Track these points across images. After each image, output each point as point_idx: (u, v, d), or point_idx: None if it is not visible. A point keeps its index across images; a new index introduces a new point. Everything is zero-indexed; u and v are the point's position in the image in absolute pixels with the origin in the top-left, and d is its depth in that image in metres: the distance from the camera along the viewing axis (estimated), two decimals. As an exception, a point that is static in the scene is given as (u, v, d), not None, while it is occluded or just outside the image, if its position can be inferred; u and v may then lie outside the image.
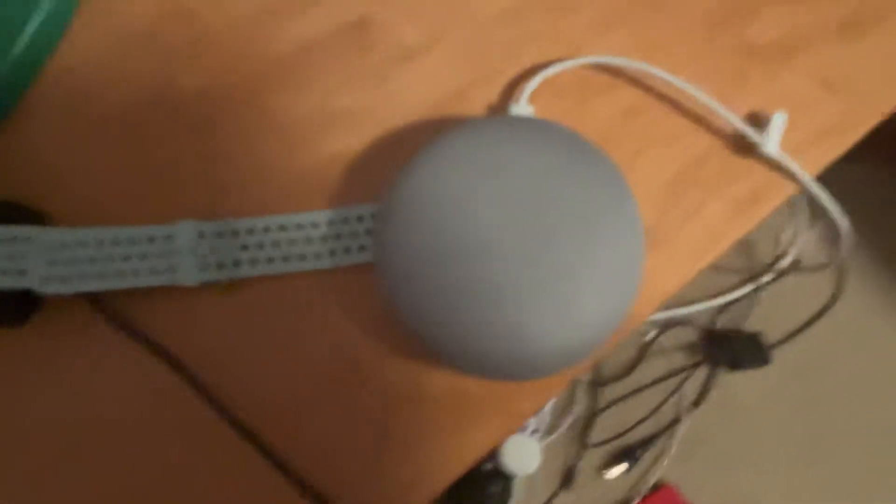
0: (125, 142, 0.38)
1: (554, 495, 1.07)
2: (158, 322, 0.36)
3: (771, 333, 1.17)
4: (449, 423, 0.36)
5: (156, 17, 0.41)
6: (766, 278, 1.16)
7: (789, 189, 0.40)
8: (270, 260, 0.37)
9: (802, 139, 0.42)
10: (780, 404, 1.14)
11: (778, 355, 1.17)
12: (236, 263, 0.36)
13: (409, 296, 0.33)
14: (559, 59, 0.42)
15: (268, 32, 0.41)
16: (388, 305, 0.34)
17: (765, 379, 1.16)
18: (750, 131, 0.40)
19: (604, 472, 1.09)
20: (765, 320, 1.18)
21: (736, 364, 1.13)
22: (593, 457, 1.10)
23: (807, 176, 0.40)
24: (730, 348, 1.14)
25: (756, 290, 1.18)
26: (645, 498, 1.08)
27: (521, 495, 1.07)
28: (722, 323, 1.18)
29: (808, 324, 1.14)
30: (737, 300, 1.18)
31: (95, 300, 0.35)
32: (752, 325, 1.18)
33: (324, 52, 0.41)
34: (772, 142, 0.40)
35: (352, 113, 0.40)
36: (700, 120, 0.42)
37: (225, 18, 0.41)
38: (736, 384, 1.16)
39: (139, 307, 0.36)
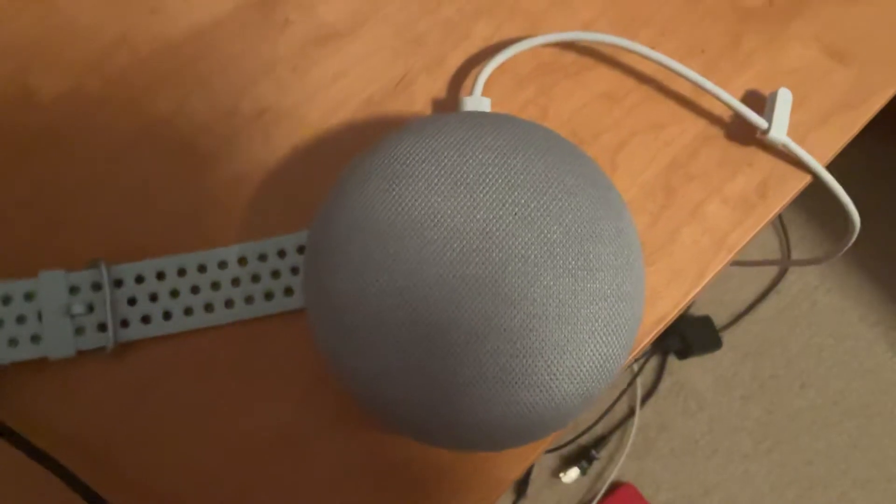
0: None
1: (511, 507, 1.03)
2: (26, 404, 0.29)
3: (719, 317, 1.16)
4: (413, 500, 0.30)
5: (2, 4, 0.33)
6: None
7: (800, 181, 0.35)
8: (168, 315, 0.30)
9: (809, 119, 0.36)
10: (734, 389, 1.13)
11: (728, 338, 1.16)
12: (124, 323, 0.30)
13: (352, 350, 0.26)
14: (517, 39, 0.36)
15: (147, 17, 0.34)
16: (325, 362, 0.27)
17: (717, 364, 1.15)
18: (751, 114, 0.34)
19: (560, 475, 1.06)
20: (711, 303, 1.17)
21: (687, 351, 1.12)
22: (547, 461, 1.08)
23: (819, 165, 0.34)
24: (679, 335, 1.12)
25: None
26: (603, 499, 1.06)
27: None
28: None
29: (757, 302, 1.13)
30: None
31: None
32: (698, 309, 1.17)
33: (223, 38, 0.35)
34: (778, 126, 0.34)
35: (263, 116, 0.34)
36: (689, 103, 0.36)
37: (92, 2, 0.33)
38: (688, 371, 1.14)
39: None
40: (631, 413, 1.10)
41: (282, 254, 0.31)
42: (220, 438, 0.30)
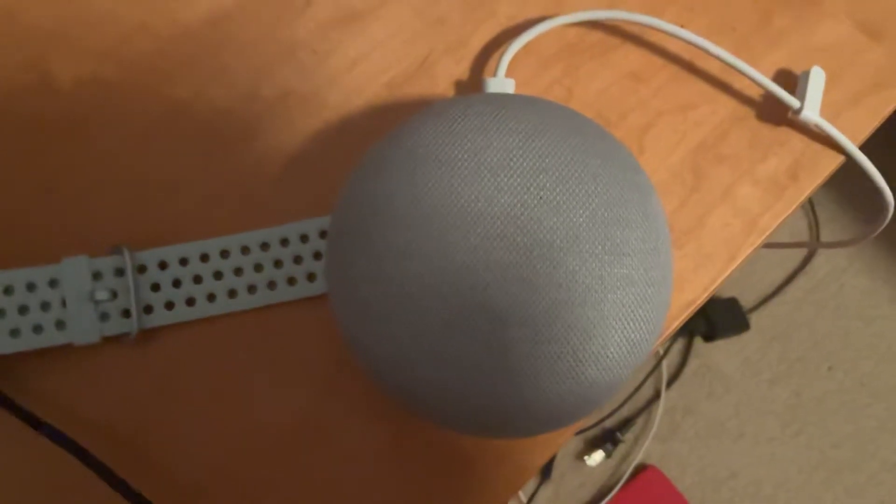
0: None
1: (536, 490, 1.03)
2: (51, 391, 0.29)
3: (746, 298, 1.14)
4: (434, 489, 0.30)
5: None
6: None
7: (833, 161, 0.34)
8: (191, 301, 0.30)
9: (841, 98, 0.35)
10: (761, 372, 1.12)
11: (755, 320, 1.14)
12: (148, 309, 0.29)
13: (374, 337, 0.26)
14: (541, 18, 0.35)
15: (167, 2, 0.34)
16: (348, 348, 0.26)
17: (744, 346, 1.13)
18: (783, 93, 0.33)
19: (584, 457, 1.05)
20: (738, 285, 1.15)
21: (713, 333, 1.10)
22: (571, 444, 1.07)
23: (853, 145, 0.33)
24: (706, 317, 1.10)
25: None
26: (628, 481, 1.05)
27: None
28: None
29: (785, 284, 1.11)
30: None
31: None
32: (725, 291, 1.15)
33: (243, 22, 0.34)
34: (811, 105, 0.33)
35: (286, 99, 0.33)
36: (719, 83, 0.35)
37: None
38: (714, 354, 1.13)
39: (23, 371, 0.29)
40: (656, 396, 1.09)
41: (304, 238, 0.31)
42: (243, 423, 0.30)
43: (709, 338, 1.11)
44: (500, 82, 0.32)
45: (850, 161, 0.34)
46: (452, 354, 0.25)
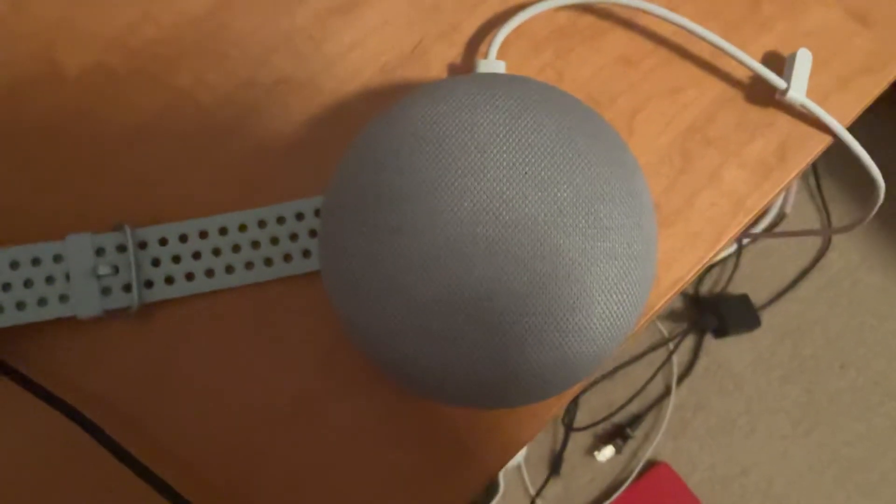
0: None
1: (544, 484, 1.02)
2: (55, 363, 0.30)
3: (757, 295, 1.14)
4: (429, 461, 0.30)
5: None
6: (757, 231, 1.12)
7: (820, 142, 0.34)
8: (190, 276, 0.31)
9: (829, 82, 0.36)
10: (773, 369, 1.11)
11: (767, 317, 1.13)
12: (148, 284, 0.30)
13: (366, 311, 0.26)
14: (531, 2, 0.36)
15: None
16: (341, 323, 0.27)
17: (755, 343, 1.12)
18: (770, 74, 0.33)
19: (595, 453, 1.05)
20: (750, 281, 1.15)
21: (724, 329, 1.10)
22: (581, 439, 1.07)
23: (840, 126, 0.33)
24: (717, 313, 1.10)
25: (739, 249, 1.14)
26: (639, 478, 1.05)
27: (509, 487, 1.03)
28: (705, 287, 1.14)
29: (798, 281, 1.11)
30: (720, 261, 1.14)
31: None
32: (736, 287, 1.15)
33: (242, 10, 0.35)
34: (797, 86, 0.33)
35: (283, 85, 0.34)
36: (708, 66, 0.36)
37: None
38: (725, 351, 1.12)
39: (28, 345, 0.30)
40: (667, 392, 1.09)
41: (300, 216, 0.31)
42: (240, 396, 0.30)
43: (719, 334, 1.11)
44: (492, 64, 0.33)
45: (840, 143, 0.34)
46: (440, 328, 0.25)
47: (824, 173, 1.19)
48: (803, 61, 0.34)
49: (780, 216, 1.17)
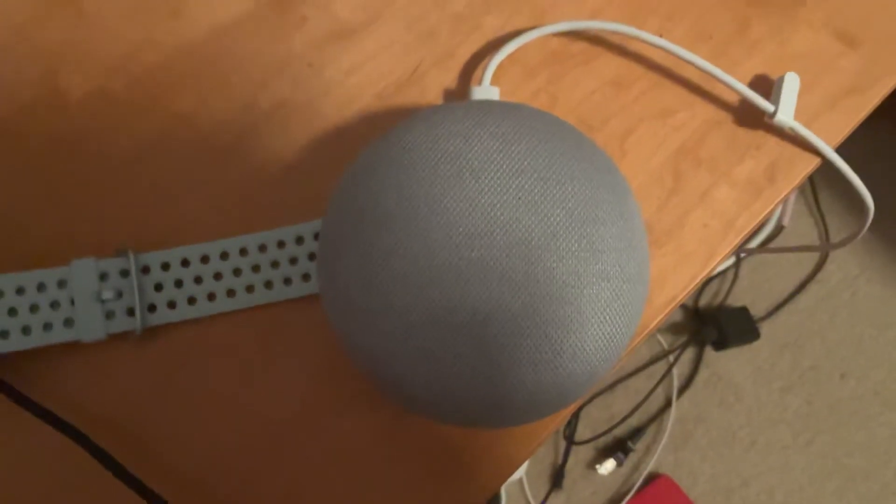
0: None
1: (546, 497, 1.03)
2: (59, 385, 0.30)
3: (757, 307, 1.14)
4: (425, 480, 0.31)
5: (30, 7, 0.34)
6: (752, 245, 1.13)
7: (809, 163, 0.35)
8: (192, 300, 0.31)
9: (817, 103, 0.36)
10: (773, 380, 1.11)
11: (766, 329, 1.14)
12: (151, 308, 0.31)
13: (363, 333, 0.27)
14: (524, 29, 0.36)
15: (170, 19, 0.35)
16: (340, 345, 0.28)
17: (755, 355, 1.13)
18: (758, 98, 0.34)
19: (596, 466, 1.05)
20: (749, 293, 1.15)
21: (724, 341, 1.10)
22: (583, 453, 1.07)
23: (828, 147, 0.34)
24: (717, 325, 1.10)
25: (738, 261, 1.14)
26: (640, 490, 1.04)
27: (511, 501, 1.03)
28: (704, 299, 1.14)
29: (797, 292, 1.11)
30: (719, 274, 1.14)
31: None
32: (735, 299, 1.15)
33: (242, 37, 0.36)
34: (785, 109, 0.34)
35: (282, 109, 0.35)
36: (697, 89, 0.37)
37: (115, 5, 0.34)
38: (725, 363, 1.12)
39: (32, 368, 0.30)
40: (667, 404, 1.09)
41: (300, 240, 0.32)
42: (241, 417, 0.30)
43: (719, 346, 1.11)
44: (486, 90, 0.34)
45: (828, 163, 0.35)
46: (435, 349, 0.25)
47: (821, 186, 1.20)
48: (791, 85, 0.34)
49: (779, 228, 1.17)
